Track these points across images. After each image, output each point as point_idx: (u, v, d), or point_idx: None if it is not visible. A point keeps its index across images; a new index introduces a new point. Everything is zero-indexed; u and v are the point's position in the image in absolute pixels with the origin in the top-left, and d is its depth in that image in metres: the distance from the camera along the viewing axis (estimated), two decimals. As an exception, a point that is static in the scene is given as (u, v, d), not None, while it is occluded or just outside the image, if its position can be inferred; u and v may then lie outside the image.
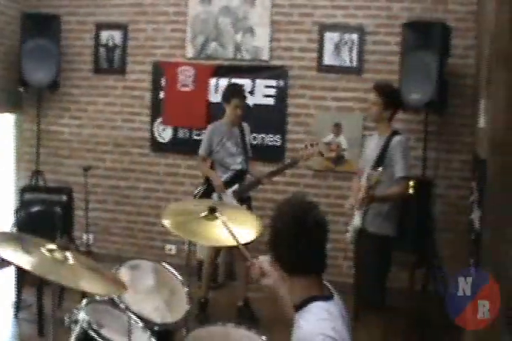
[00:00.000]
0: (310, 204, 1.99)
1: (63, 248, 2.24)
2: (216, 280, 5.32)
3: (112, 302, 2.71)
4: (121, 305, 2.69)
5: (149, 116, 5.89)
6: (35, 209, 4.70)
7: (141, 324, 2.64)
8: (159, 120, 5.84)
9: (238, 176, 4.72)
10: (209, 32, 5.67)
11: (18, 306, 4.47)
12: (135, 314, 2.66)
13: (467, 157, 5.05)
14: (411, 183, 4.03)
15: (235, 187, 4.67)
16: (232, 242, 2.71)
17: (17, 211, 4.78)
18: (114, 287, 2.39)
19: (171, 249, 5.88)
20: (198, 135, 5.55)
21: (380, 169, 3.61)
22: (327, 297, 1.93)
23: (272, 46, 5.55)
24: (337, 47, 5.37)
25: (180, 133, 5.79)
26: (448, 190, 5.20)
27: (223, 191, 4.63)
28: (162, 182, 5.92)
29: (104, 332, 2.44)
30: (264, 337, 2.73)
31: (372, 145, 3.99)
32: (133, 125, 5.96)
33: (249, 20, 5.56)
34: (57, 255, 2.21)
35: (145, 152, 5.94)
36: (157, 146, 5.89)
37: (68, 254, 2.24)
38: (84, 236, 5.00)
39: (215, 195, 4.65)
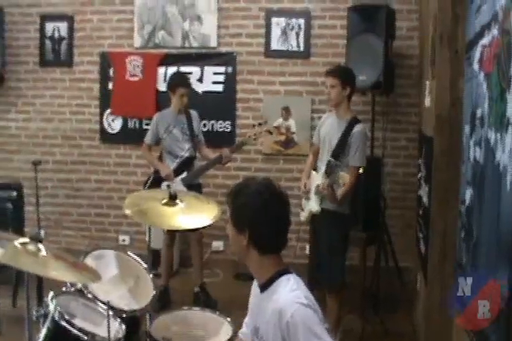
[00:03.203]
0: (273, 183, 2.06)
1: (36, 240, 2.25)
2: (172, 268, 5.34)
3: (80, 293, 2.71)
4: (89, 295, 2.70)
5: (98, 107, 5.83)
6: (-15, 206, 4.58)
7: (111, 312, 2.65)
8: (108, 111, 5.78)
9: (186, 163, 4.73)
10: (156, 21, 5.63)
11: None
12: (103, 303, 2.67)
13: (413, 135, 5.22)
14: (361, 170, 4.13)
15: (184, 174, 4.69)
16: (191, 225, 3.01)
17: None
18: (88, 275, 2.41)
19: (125, 239, 5.88)
20: (148, 124, 5.46)
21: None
22: (289, 270, 2.02)
23: (220, 33, 5.57)
24: (284, 32, 5.43)
25: (130, 124, 5.76)
26: (395, 167, 5.37)
27: (172, 180, 4.65)
28: (113, 173, 5.88)
29: (76, 322, 2.45)
30: (228, 319, 2.78)
31: (330, 125, 3.98)
32: (82, 117, 5.88)
33: (196, 8, 5.54)
34: (31, 247, 2.23)
35: (95, 144, 5.88)
36: (107, 137, 5.84)
37: (41, 246, 2.26)
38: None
39: (164, 184, 4.66)
